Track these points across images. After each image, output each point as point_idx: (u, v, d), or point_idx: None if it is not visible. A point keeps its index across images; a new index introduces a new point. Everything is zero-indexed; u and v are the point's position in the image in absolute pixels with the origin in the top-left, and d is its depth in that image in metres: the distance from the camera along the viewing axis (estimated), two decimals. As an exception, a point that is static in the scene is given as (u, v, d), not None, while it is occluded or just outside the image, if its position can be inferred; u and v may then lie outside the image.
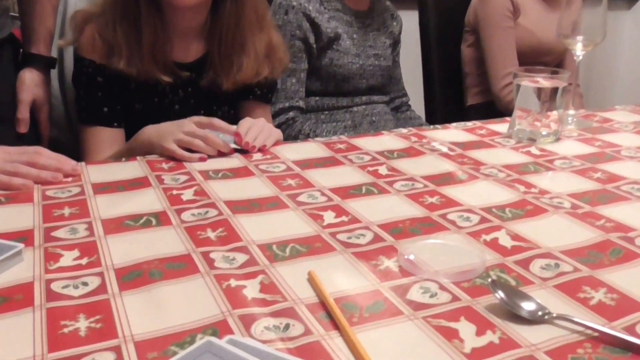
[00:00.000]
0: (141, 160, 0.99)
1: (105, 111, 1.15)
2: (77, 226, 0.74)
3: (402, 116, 1.73)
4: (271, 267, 0.64)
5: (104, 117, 1.15)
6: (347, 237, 0.71)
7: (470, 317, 0.56)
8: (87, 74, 1.14)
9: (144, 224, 0.74)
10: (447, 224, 0.76)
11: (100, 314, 0.55)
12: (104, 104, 1.15)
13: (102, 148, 1.14)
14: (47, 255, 0.66)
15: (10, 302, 0.57)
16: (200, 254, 0.66)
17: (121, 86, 1.14)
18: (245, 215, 0.77)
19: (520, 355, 0.50)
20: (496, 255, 0.67)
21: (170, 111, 1.17)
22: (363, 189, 0.87)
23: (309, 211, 0.79)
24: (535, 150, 1.07)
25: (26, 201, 0.81)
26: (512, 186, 0.89)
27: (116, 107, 1.16)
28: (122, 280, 0.61)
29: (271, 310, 0.56)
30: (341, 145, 1.09)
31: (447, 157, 1.02)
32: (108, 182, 0.89)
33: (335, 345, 0.51)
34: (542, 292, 0.60)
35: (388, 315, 0.56)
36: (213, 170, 0.94)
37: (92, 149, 1.15)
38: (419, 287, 0.61)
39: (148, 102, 1.17)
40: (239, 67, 1.17)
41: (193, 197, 0.83)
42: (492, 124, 1.26)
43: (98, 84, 1.14)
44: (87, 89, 1.15)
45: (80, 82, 1.16)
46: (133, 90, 1.15)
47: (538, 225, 0.75)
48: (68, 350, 0.50)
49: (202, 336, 0.52)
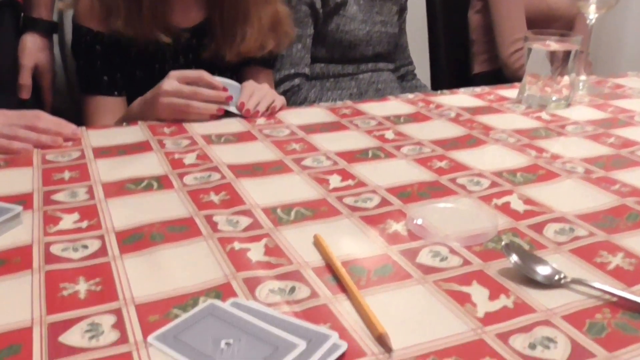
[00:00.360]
0: (142, 124, 0.97)
1: (105, 80, 1.13)
2: (77, 190, 0.72)
3: (407, 85, 1.70)
4: (276, 230, 0.62)
5: (104, 86, 1.13)
6: (353, 200, 0.69)
7: (483, 281, 0.54)
8: (85, 43, 1.11)
9: (145, 188, 0.72)
10: (457, 188, 0.74)
11: (100, 276, 0.53)
12: (103, 73, 1.12)
13: (103, 117, 1.12)
14: (47, 218, 0.64)
15: (9, 264, 0.55)
16: (203, 217, 0.64)
17: (121, 54, 1.11)
18: (249, 179, 0.75)
19: (536, 320, 0.48)
20: (508, 219, 0.65)
21: None
22: (369, 153, 0.85)
23: (314, 175, 0.77)
24: (546, 116, 1.05)
25: (25, 165, 0.79)
26: (523, 151, 0.86)
27: (116, 76, 1.13)
28: (123, 243, 0.59)
29: (276, 274, 0.54)
30: (346, 110, 1.06)
31: (456, 122, 1.00)
32: (109, 146, 0.87)
33: (343, 308, 0.49)
34: (557, 257, 0.58)
35: (397, 279, 0.54)
36: (216, 135, 0.92)
37: (93, 118, 1.13)
38: (428, 251, 0.59)
39: (148, 69, 1.14)
40: (242, 38, 1.14)
41: (195, 161, 0.81)
42: (501, 89, 1.23)
43: (97, 52, 1.11)
44: (86, 58, 1.12)
45: (79, 51, 1.13)
46: (133, 57, 1.12)
47: (551, 190, 0.73)
48: (67, 313, 0.48)
49: (205, 299, 0.50)
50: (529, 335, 0.46)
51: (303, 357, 0.43)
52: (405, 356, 0.44)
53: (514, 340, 0.46)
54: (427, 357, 0.44)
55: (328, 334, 0.45)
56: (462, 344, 0.45)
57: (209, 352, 0.44)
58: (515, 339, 0.46)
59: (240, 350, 0.44)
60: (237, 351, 0.44)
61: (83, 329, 0.46)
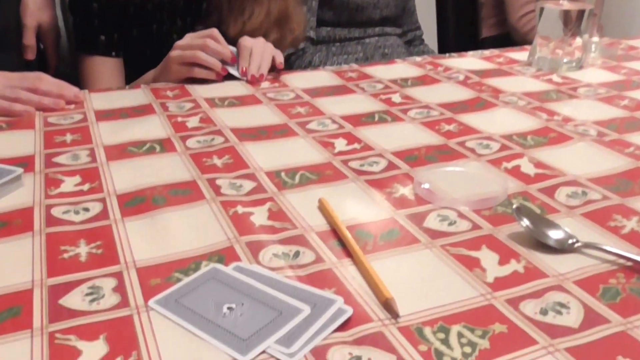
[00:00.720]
0: (145, 87, 0.95)
1: (102, 40, 1.10)
2: (79, 152, 0.70)
3: (414, 50, 1.66)
4: (280, 194, 0.61)
5: (101, 46, 1.11)
6: (359, 164, 0.68)
7: (493, 245, 0.52)
8: (82, 1, 1.08)
9: (147, 151, 0.71)
10: (466, 151, 0.72)
11: (101, 239, 0.52)
12: (100, 32, 1.10)
13: (101, 78, 1.10)
14: (48, 180, 0.63)
15: (10, 226, 0.54)
16: (206, 180, 0.63)
17: (118, 13, 1.09)
18: (253, 143, 0.73)
19: (548, 285, 0.47)
20: (518, 182, 0.64)
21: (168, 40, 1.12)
22: (376, 117, 0.83)
23: (319, 139, 0.75)
24: (557, 78, 1.02)
25: (27, 127, 0.78)
26: (534, 114, 0.84)
27: (113, 36, 1.11)
28: (125, 207, 0.58)
29: (280, 238, 0.53)
30: (352, 73, 1.04)
31: (464, 85, 0.97)
32: (111, 109, 0.85)
33: (348, 273, 0.48)
34: (569, 221, 0.56)
35: (404, 244, 0.52)
36: (219, 98, 0.90)
37: (90, 79, 1.11)
38: (436, 215, 0.57)
39: (145, 29, 1.12)
40: (250, 15, 1.10)
41: (198, 125, 0.79)
42: (511, 52, 1.20)
43: (93, 10, 1.08)
44: (82, 16, 1.10)
45: (76, 9, 1.11)
46: (131, 17, 1.10)
47: (563, 153, 0.71)
48: (68, 275, 0.47)
49: (208, 263, 0.49)
50: (540, 301, 0.45)
51: (307, 322, 0.42)
52: (412, 322, 0.43)
53: (525, 305, 0.44)
54: (434, 323, 0.43)
55: (333, 298, 0.44)
56: (470, 310, 0.44)
57: (211, 317, 0.43)
58: (526, 304, 0.45)
59: (243, 314, 0.43)
60: (240, 316, 0.43)
61: (84, 292, 0.45)
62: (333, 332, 0.41)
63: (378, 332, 0.41)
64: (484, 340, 0.41)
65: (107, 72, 1.11)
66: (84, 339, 0.41)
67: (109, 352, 0.40)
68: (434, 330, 0.42)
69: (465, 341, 0.41)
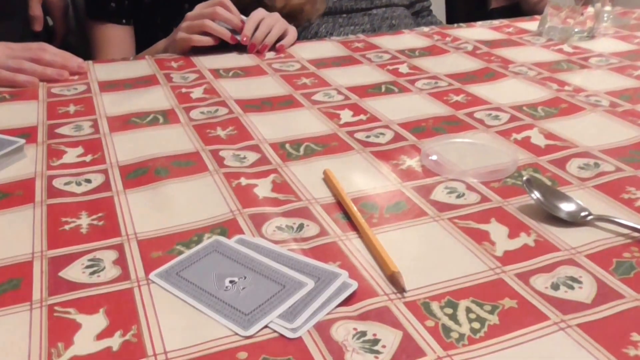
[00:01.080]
0: (150, 58, 0.93)
1: (113, 6, 1.08)
2: (82, 123, 0.69)
3: (422, 21, 1.63)
4: (284, 166, 0.59)
5: (112, 12, 1.09)
6: (365, 135, 0.66)
7: (502, 218, 0.51)
8: None
9: (150, 122, 0.70)
10: (474, 122, 0.70)
11: (102, 211, 0.51)
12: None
13: (111, 46, 1.09)
14: (50, 151, 0.62)
15: (11, 197, 0.54)
16: (210, 152, 0.62)
17: None
18: (257, 114, 0.72)
19: (559, 259, 0.46)
20: (529, 154, 0.62)
21: (180, 8, 1.10)
22: (382, 88, 0.81)
23: (325, 110, 0.73)
24: (568, 48, 0.99)
25: (31, 98, 0.77)
26: (544, 84, 0.82)
27: (124, 2, 1.08)
28: (127, 178, 0.57)
29: (284, 210, 0.52)
30: (359, 44, 1.02)
31: (473, 55, 0.95)
32: (115, 80, 0.84)
33: (353, 246, 0.47)
34: (581, 193, 0.55)
35: (411, 216, 0.51)
36: (224, 69, 0.88)
37: (101, 46, 1.10)
38: (444, 188, 0.56)
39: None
40: None
41: (202, 96, 0.78)
42: (521, 22, 1.17)
43: None
44: None
45: None
46: None
47: (574, 124, 0.69)
48: (69, 248, 0.47)
49: (210, 235, 0.48)
50: (551, 275, 0.44)
51: (311, 296, 0.41)
52: (419, 297, 0.42)
53: (535, 280, 0.43)
54: (441, 297, 0.42)
55: (337, 272, 0.43)
56: (479, 284, 0.43)
57: (213, 290, 0.42)
58: (536, 279, 0.43)
59: (246, 288, 0.42)
60: (242, 289, 0.42)
61: (84, 264, 0.45)
62: (337, 307, 0.40)
63: (384, 307, 0.41)
64: (493, 316, 0.40)
65: (118, 40, 1.09)
66: (83, 312, 0.40)
67: (108, 326, 0.39)
68: (441, 305, 0.41)
69: (474, 317, 0.40)
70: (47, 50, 0.85)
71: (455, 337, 0.38)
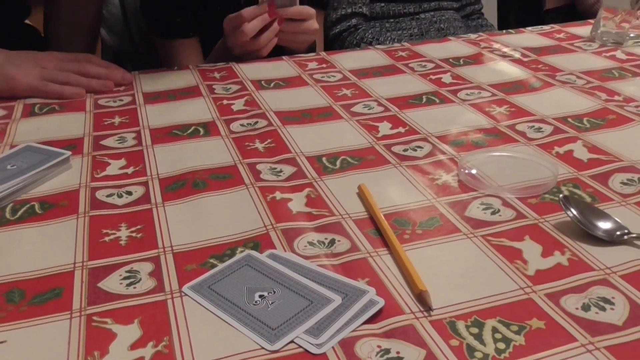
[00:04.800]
0: (193, 69, 0.96)
1: (179, 22, 1.11)
2: (126, 135, 0.72)
3: (472, 24, 1.60)
4: (319, 180, 0.60)
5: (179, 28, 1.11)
6: (402, 149, 0.66)
7: (537, 236, 0.50)
8: None
9: (191, 134, 0.72)
10: (516, 135, 0.69)
11: (141, 223, 0.53)
12: (175, 15, 1.11)
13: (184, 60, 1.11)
14: (95, 163, 0.65)
15: (56, 208, 0.56)
16: (247, 165, 0.63)
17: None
18: (296, 126, 0.73)
19: (593, 279, 0.44)
20: (570, 169, 0.61)
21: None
22: (423, 99, 0.81)
23: (364, 122, 0.74)
24: (622, 55, 0.96)
25: (78, 110, 0.80)
26: (593, 94, 0.80)
27: (187, 16, 1.11)
28: (166, 191, 0.59)
29: (316, 225, 0.52)
30: (403, 52, 1.01)
31: (520, 64, 0.93)
32: (159, 91, 0.87)
33: (383, 263, 0.47)
34: (622, 210, 0.53)
35: (443, 233, 0.51)
36: (265, 80, 0.89)
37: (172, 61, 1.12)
38: (479, 203, 0.55)
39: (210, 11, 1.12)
40: None
41: (243, 107, 0.79)
42: (573, 27, 1.14)
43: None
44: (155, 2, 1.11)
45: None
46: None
47: (621, 136, 0.67)
48: (108, 259, 0.49)
49: (243, 249, 0.49)
50: (583, 296, 0.43)
51: (337, 312, 0.42)
52: (445, 315, 0.41)
53: (566, 300, 0.42)
54: (468, 317, 0.41)
55: (365, 289, 0.43)
56: (507, 304, 0.42)
57: (242, 304, 0.43)
58: (567, 299, 0.43)
59: (274, 303, 0.43)
60: (271, 304, 0.43)
61: (122, 276, 0.47)
62: (363, 324, 0.41)
63: (409, 325, 0.41)
64: (519, 336, 0.39)
65: (188, 52, 1.12)
66: (119, 323, 0.42)
67: (142, 336, 0.40)
68: (467, 325, 0.41)
69: (500, 337, 0.39)
70: (93, 62, 0.88)
71: (479, 357, 0.38)
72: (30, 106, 0.81)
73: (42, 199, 0.58)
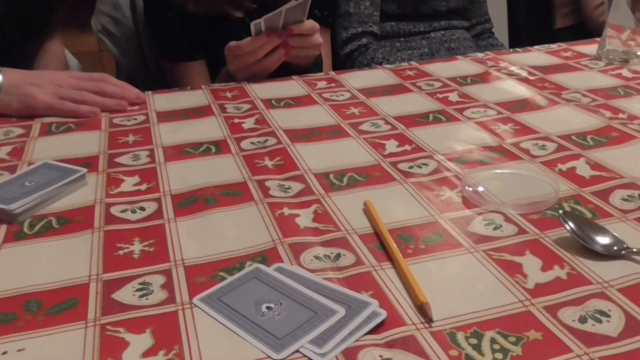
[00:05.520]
0: (205, 88, 0.98)
1: (184, 45, 1.14)
2: (140, 153, 0.74)
3: (483, 43, 1.62)
4: (326, 196, 0.62)
5: (184, 51, 1.15)
6: (408, 166, 0.68)
7: (537, 251, 0.51)
8: (156, 11, 1.13)
9: (203, 152, 0.74)
10: (520, 152, 0.70)
11: (154, 238, 0.55)
12: (181, 38, 1.14)
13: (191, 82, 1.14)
14: (109, 180, 0.67)
15: (73, 223, 0.59)
16: (256, 182, 0.65)
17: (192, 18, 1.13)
18: (304, 144, 0.75)
19: (590, 292, 0.46)
20: (572, 185, 0.62)
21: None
22: (430, 117, 0.82)
23: (371, 140, 0.75)
24: (628, 73, 0.97)
25: (94, 129, 0.83)
26: (597, 111, 0.81)
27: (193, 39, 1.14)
28: (178, 207, 0.61)
29: (322, 240, 0.54)
30: (410, 72, 1.03)
31: (526, 82, 0.95)
32: (172, 110, 0.89)
33: (386, 276, 0.49)
34: (621, 226, 0.54)
35: (446, 248, 0.52)
36: (275, 99, 0.92)
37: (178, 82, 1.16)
38: (482, 219, 0.57)
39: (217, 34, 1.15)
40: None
41: (253, 126, 0.82)
42: (580, 45, 1.15)
43: (170, 20, 1.12)
44: (161, 26, 1.15)
45: (153, 19, 1.15)
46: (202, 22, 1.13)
47: (623, 153, 0.68)
48: (122, 272, 0.51)
49: (251, 263, 0.51)
50: (580, 308, 0.44)
51: (341, 323, 0.43)
52: (445, 326, 0.43)
53: (563, 313, 0.44)
54: (468, 328, 0.43)
55: (368, 301, 0.45)
56: (506, 316, 0.44)
57: (250, 315, 0.45)
58: (564, 312, 0.44)
59: (281, 314, 0.45)
60: (278, 315, 0.45)
61: (135, 288, 0.49)
62: (366, 334, 0.42)
63: (410, 336, 0.42)
64: (516, 347, 0.41)
65: (193, 74, 1.15)
66: (132, 332, 0.44)
67: (153, 345, 0.42)
68: (466, 336, 0.42)
69: (498, 347, 0.41)
70: (108, 81, 0.92)
71: (478, 368, 0.39)
72: (47, 125, 0.84)
73: (59, 214, 0.60)
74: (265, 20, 0.93)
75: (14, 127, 0.84)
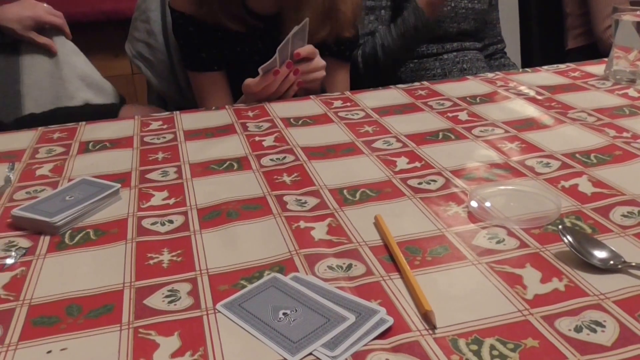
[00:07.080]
0: (229, 108, 1.04)
1: (204, 57, 1.21)
2: (168, 169, 0.79)
3: (495, 64, 1.64)
4: (340, 210, 0.66)
5: (203, 62, 1.22)
6: (417, 182, 0.72)
7: (537, 264, 0.55)
8: (180, 25, 1.20)
9: (226, 168, 0.79)
10: (525, 170, 0.74)
11: (181, 248, 0.60)
12: (201, 50, 1.21)
13: (208, 90, 1.23)
14: (141, 195, 0.72)
15: (108, 235, 0.64)
16: (275, 197, 0.70)
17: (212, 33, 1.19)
18: (320, 161, 0.79)
19: (587, 304, 0.49)
20: (574, 202, 0.65)
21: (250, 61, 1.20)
22: (440, 135, 0.86)
23: (383, 157, 0.80)
24: (634, 93, 1.00)
25: (127, 146, 0.88)
26: (601, 130, 0.84)
27: (213, 52, 1.21)
28: (203, 220, 0.66)
29: (335, 251, 0.58)
30: (422, 91, 1.07)
31: (533, 102, 0.98)
32: (198, 129, 0.94)
33: (394, 286, 0.53)
34: (620, 241, 0.57)
35: (451, 260, 0.56)
36: (294, 118, 0.96)
37: (199, 91, 1.24)
38: (486, 233, 0.60)
39: (233, 49, 1.21)
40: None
41: (273, 144, 0.86)
42: (588, 65, 1.18)
43: (191, 33, 1.20)
44: (184, 38, 1.22)
45: (177, 32, 1.22)
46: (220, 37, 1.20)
47: (625, 171, 0.72)
48: (152, 279, 0.55)
49: (270, 272, 0.55)
50: (576, 319, 0.47)
51: (351, 329, 0.47)
52: (448, 333, 0.47)
53: (560, 322, 0.47)
54: (469, 335, 0.46)
55: (376, 309, 0.49)
56: (506, 325, 0.47)
57: (268, 320, 0.49)
58: (561, 321, 0.47)
59: (296, 319, 0.49)
60: (293, 320, 0.49)
61: (164, 294, 0.53)
62: (374, 340, 0.46)
63: (415, 341, 0.46)
64: (514, 354, 0.44)
65: (213, 85, 1.23)
66: (161, 335, 0.48)
67: (181, 347, 0.47)
68: (467, 342, 0.46)
69: (496, 353, 0.44)
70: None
71: (477, 371, 0.43)
72: (84, 144, 0.90)
73: (96, 226, 0.65)
74: (279, 51, 0.99)
75: (55, 145, 0.90)
